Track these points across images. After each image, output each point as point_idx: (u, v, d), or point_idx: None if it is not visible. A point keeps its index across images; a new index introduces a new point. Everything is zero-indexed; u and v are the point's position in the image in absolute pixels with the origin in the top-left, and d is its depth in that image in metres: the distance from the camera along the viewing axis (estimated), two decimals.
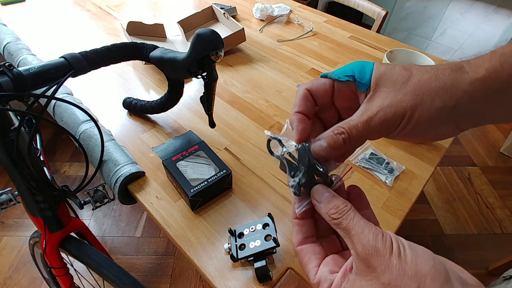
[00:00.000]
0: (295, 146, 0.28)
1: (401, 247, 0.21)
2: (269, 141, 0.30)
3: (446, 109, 0.24)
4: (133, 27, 0.83)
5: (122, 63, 0.62)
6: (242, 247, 0.43)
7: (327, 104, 0.29)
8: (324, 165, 0.27)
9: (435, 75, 0.24)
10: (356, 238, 0.22)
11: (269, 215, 0.45)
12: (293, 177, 0.28)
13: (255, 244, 0.42)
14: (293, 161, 0.28)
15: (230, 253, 0.43)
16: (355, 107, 0.27)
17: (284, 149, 0.28)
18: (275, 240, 0.41)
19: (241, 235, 0.44)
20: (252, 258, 0.42)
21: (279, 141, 0.29)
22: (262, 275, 0.41)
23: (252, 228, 0.44)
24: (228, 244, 0.45)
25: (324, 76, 0.28)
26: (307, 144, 0.27)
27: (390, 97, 0.25)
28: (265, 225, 0.44)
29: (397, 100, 0.24)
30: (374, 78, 0.26)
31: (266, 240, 0.42)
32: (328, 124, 0.30)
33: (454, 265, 0.22)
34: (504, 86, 0.22)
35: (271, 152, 0.30)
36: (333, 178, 0.28)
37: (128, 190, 0.53)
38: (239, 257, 0.42)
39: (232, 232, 0.45)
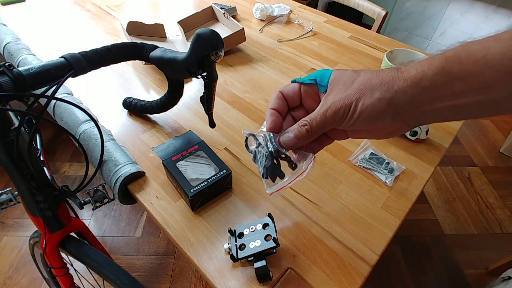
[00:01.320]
0: (269, 134, 0.34)
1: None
2: (246, 138, 0.37)
3: (384, 100, 0.29)
4: (133, 27, 0.83)
5: (122, 63, 0.62)
6: (242, 247, 0.43)
7: (296, 104, 0.37)
8: (295, 153, 0.35)
9: (376, 74, 0.31)
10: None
11: (269, 215, 0.45)
12: (265, 161, 0.35)
13: (255, 244, 0.42)
14: (263, 149, 0.35)
15: (230, 253, 0.43)
16: (318, 106, 0.34)
17: (256, 143, 0.35)
18: (275, 240, 0.41)
19: (241, 235, 0.44)
20: (252, 258, 0.42)
21: (253, 135, 0.36)
22: (262, 275, 0.41)
23: (252, 228, 0.44)
24: (228, 244, 0.45)
25: (294, 81, 0.36)
26: (271, 134, 0.34)
27: (340, 93, 0.31)
28: (265, 225, 0.44)
29: (345, 95, 0.31)
30: (330, 80, 0.33)
31: (266, 240, 0.42)
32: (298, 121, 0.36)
33: None
34: (431, 83, 0.28)
35: (248, 148, 0.37)
36: (297, 163, 0.34)
37: (128, 190, 0.53)
38: (239, 257, 0.42)
39: (232, 232, 0.45)
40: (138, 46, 0.54)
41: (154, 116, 0.67)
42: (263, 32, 0.99)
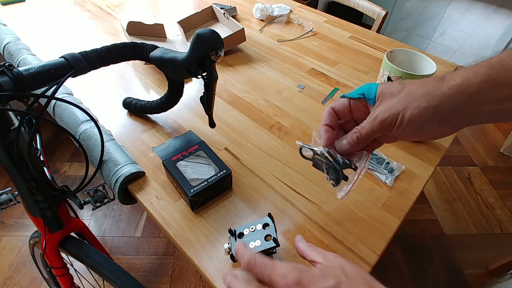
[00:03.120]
0: (325, 149, 0.39)
1: None
2: (300, 148, 0.42)
3: (431, 108, 0.31)
4: (133, 27, 0.83)
5: (122, 63, 0.62)
6: None
7: (347, 117, 0.40)
8: (351, 156, 0.40)
9: (421, 85, 0.33)
10: (322, 254, 0.33)
11: (269, 215, 0.45)
12: (327, 173, 0.41)
13: (255, 244, 0.42)
14: (324, 160, 0.40)
15: (230, 253, 0.43)
16: (367, 117, 0.37)
17: (311, 152, 0.41)
18: (275, 240, 0.41)
19: (241, 235, 0.44)
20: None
21: (308, 147, 0.41)
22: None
23: (252, 228, 0.44)
24: (228, 244, 0.45)
25: (343, 96, 0.39)
26: (327, 149, 0.39)
27: (388, 104, 0.34)
28: (265, 225, 0.44)
29: (392, 105, 0.33)
30: (378, 93, 0.35)
31: (266, 240, 0.42)
32: None
33: None
34: (476, 90, 0.30)
35: (304, 156, 0.43)
36: (357, 165, 0.39)
37: (128, 190, 0.53)
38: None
39: (232, 232, 0.45)
40: (138, 46, 0.54)
41: (154, 116, 0.67)
42: (263, 32, 0.99)
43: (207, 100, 0.54)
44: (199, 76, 0.50)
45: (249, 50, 0.90)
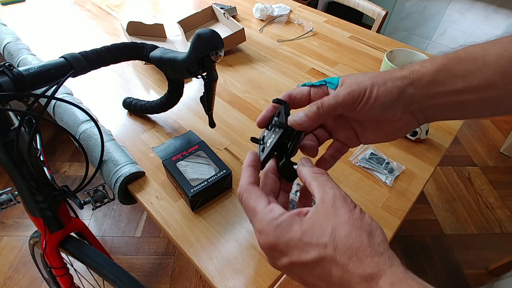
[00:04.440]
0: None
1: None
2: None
3: (397, 88, 0.31)
4: (133, 27, 0.83)
5: (122, 63, 0.62)
6: (263, 150, 0.36)
7: (304, 105, 0.35)
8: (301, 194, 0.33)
9: (384, 72, 0.32)
10: (322, 190, 0.26)
11: (278, 101, 0.37)
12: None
13: (270, 141, 0.35)
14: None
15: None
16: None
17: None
18: (281, 124, 0.33)
19: (262, 138, 0.38)
20: (271, 154, 0.34)
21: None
22: (287, 174, 0.33)
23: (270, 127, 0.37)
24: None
25: (304, 85, 0.36)
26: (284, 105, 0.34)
27: (354, 80, 0.32)
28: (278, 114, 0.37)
29: (359, 81, 0.31)
30: (341, 79, 0.33)
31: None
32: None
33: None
34: (433, 78, 0.30)
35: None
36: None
37: (128, 190, 0.53)
38: (261, 160, 0.35)
39: (256, 140, 0.38)
40: (138, 46, 0.54)
41: (154, 116, 0.67)
42: (263, 32, 0.99)
43: (207, 100, 0.54)
44: (199, 76, 0.50)
45: (249, 50, 0.90)
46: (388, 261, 0.22)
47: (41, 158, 0.85)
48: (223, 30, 0.94)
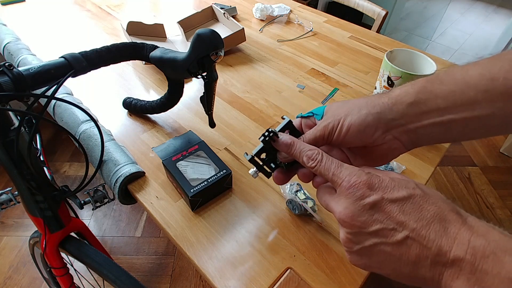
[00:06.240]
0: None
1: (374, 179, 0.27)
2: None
3: (371, 115, 0.32)
4: (133, 27, 0.83)
5: (122, 63, 0.62)
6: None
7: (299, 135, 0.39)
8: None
9: (364, 98, 0.34)
10: (335, 178, 0.29)
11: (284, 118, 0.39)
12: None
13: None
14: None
15: (258, 174, 0.40)
16: None
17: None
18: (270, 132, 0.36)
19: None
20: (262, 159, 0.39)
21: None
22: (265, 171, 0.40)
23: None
24: (253, 168, 0.40)
25: (298, 116, 0.40)
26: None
27: (332, 114, 0.35)
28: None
29: (336, 114, 0.34)
30: (325, 110, 0.37)
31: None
32: None
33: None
34: (414, 99, 0.31)
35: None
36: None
37: (128, 190, 0.53)
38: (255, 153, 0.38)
39: (252, 159, 0.39)
40: (138, 46, 0.54)
41: (154, 116, 0.67)
42: (263, 32, 0.99)
43: (207, 100, 0.54)
44: (199, 76, 0.50)
45: (249, 50, 0.90)
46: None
47: (41, 158, 0.85)
48: (223, 30, 0.94)
